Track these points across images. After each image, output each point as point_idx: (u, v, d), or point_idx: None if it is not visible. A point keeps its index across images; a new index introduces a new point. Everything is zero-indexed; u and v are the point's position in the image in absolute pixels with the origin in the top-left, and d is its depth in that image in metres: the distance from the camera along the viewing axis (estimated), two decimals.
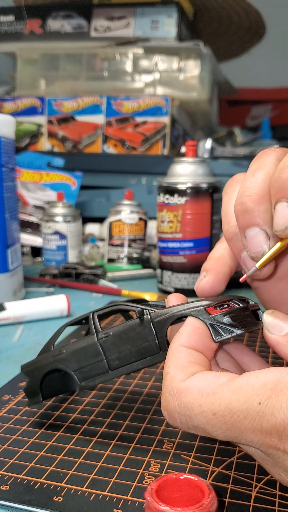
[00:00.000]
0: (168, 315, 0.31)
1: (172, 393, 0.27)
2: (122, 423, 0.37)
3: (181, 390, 0.26)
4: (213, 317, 0.29)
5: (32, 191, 1.02)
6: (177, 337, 0.29)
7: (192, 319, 0.30)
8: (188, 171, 0.68)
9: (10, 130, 0.64)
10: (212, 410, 0.25)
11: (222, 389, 0.25)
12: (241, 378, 0.25)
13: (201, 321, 0.29)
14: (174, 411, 0.27)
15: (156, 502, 0.23)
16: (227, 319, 0.29)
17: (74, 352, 0.35)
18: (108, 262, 0.88)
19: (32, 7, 1.19)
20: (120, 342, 0.33)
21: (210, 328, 0.29)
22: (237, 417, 0.24)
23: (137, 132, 1.07)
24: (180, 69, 1.09)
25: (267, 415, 0.23)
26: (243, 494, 0.29)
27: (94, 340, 0.34)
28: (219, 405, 0.25)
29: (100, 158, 1.12)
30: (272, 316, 0.29)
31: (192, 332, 0.29)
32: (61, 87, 1.14)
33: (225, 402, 0.25)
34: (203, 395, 0.26)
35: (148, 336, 0.32)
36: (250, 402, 0.24)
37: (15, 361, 0.50)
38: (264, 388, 0.24)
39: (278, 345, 0.28)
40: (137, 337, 0.32)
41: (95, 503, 0.29)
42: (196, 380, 0.27)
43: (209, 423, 0.25)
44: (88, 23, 1.15)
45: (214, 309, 0.29)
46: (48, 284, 0.77)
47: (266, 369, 0.25)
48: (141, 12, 1.12)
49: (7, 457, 0.33)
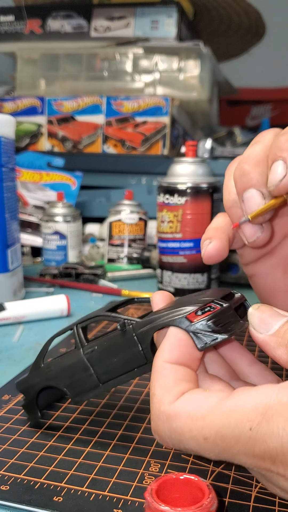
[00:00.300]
0: (148, 327, 0.30)
1: (161, 418, 0.26)
2: (122, 423, 0.37)
3: (170, 415, 0.26)
4: (195, 324, 0.28)
5: (32, 191, 1.02)
6: (159, 352, 0.28)
7: (173, 329, 0.29)
8: (188, 171, 0.68)
9: (10, 130, 0.64)
10: (203, 435, 0.25)
11: (212, 414, 0.25)
12: (230, 401, 0.25)
13: (183, 330, 0.28)
14: (164, 435, 0.26)
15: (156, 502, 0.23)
16: (210, 325, 0.28)
17: (63, 369, 0.34)
18: (108, 262, 0.88)
19: (32, 7, 1.19)
20: (106, 356, 0.32)
21: (193, 337, 0.28)
22: (228, 442, 0.24)
23: (137, 132, 1.07)
24: (180, 69, 1.09)
25: (259, 441, 0.23)
26: (243, 494, 0.29)
27: (81, 356, 0.33)
28: (209, 430, 0.24)
29: (100, 158, 1.12)
30: (258, 312, 0.28)
31: (175, 344, 0.28)
32: (61, 87, 1.14)
33: (216, 427, 0.24)
34: (192, 419, 0.25)
35: (132, 348, 0.31)
36: (241, 427, 0.23)
37: (15, 361, 0.50)
38: (255, 413, 0.23)
39: (266, 345, 0.27)
40: (121, 350, 0.32)
41: (95, 503, 0.29)
42: (185, 403, 0.26)
43: (201, 447, 0.25)
44: (88, 23, 1.15)
45: (196, 315, 0.28)
46: (48, 284, 0.77)
47: (255, 390, 0.24)
48: (141, 12, 1.12)
49: (7, 457, 0.33)
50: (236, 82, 1.43)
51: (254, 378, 0.31)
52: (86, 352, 0.33)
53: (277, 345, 0.26)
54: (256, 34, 1.35)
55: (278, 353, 0.26)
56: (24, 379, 0.37)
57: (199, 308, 0.29)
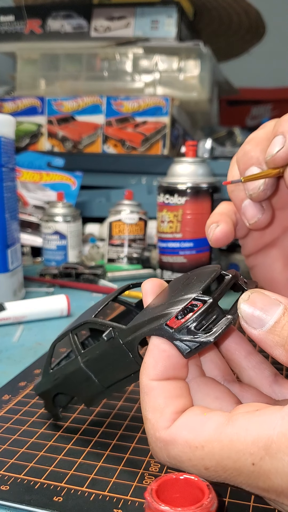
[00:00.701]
0: (131, 337, 0.29)
1: (158, 445, 0.25)
2: (122, 423, 0.37)
3: (167, 442, 0.25)
4: (176, 331, 0.26)
5: (32, 191, 1.02)
6: (144, 370, 0.27)
7: (155, 340, 0.27)
8: (188, 171, 0.68)
9: (10, 130, 0.64)
10: (204, 465, 0.24)
11: (211, 443, 0.23)
12: (230, 429, 0.23)
13: (165, 340, 0.27)
14: (164, 461, 0.25)
15: (156, 502, 0.23)
16: (192, 330, 0.26)
17: (66, 376, 0.34)
18: (108, 262, 0.88)
19: (32, 7, 1.19)
20: (102, 363, 0.32)
21: (176, 345, 0.26)
22: (230, 473, 0.23)
23: (137, 132, 1.07)
24: (180, 69, 1.09)
25: (262, 476, 0.22)
26: (243, 494, 0.29)
27: (80, 365, 0.33)
28: (209, 460, 0.23)
29: (100, 158, 1.12)
30: (248, 304, 0.25)
31: (158, 358, 0.26)
32: (61, 87, 1.14)
33: (216, 458, 0.23)
34: (191, 448, 0.24)
35: (124, 356, 0.31)
36: (243, 461, 0.22)
37: (15, 361, 0.50)
38: (257, 447, 0.22)
39: (262, 343, 0.25)
40: (114, 357, 0.31)
41: (95, 503, 0.29)
42: (181, 429, 0.24)
43: (203, 475, 0.24)
44: (88, 23, 1.15)
45: (176, 320, 0.26)
46: (48, 284, 0.77)
47: (257, 417, 0.23)
48: (141, 12, 1.12)
49: (7, 457, 0.33)
50: (236, 82, 1.43)
51: (251, 372, 0.30)
52: (83, 361, 0.33)
53: (274, 345, 0.24)
54: (256, 34, 1.35)
55: (276, 353, 0.24)
56: (38, 385, 0.37)
57: (181, 310, 0.27)
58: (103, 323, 0.32)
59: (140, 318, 0.29)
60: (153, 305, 0.30)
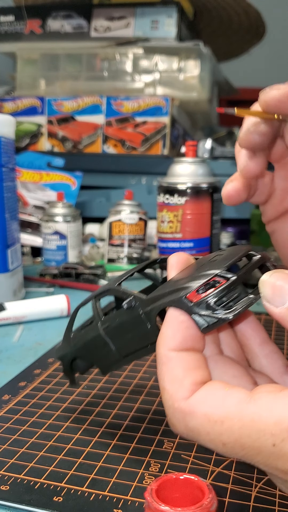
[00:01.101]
0: (150, 308, 0.30)
1: (176, 416, 0.25)
2: (122, 423, 0.37)
3: (185, 413, 0.24)
4: (195, 305, 0.26)
5: (32, 191, 1.02)
6: (162, 340, 0.27)
7: (173, 311, 0.27)
8: (188, 171, 0.68)
9: (10, 130, 0.64)
10: (221, 440, 0.23)
11: (231, 420, 0.23)
12: (252, 407, 0.23)
13: (183, 312, 0.26)
14: (181, 432, 0.25)
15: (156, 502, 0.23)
16: (212, 305, 0.26)
17: (85, 343, 0.35)
18: (108, 262, 0.88)
19: (32, 7, 1.19)
20: (120, 332, 0.32)
21: (194, 319, 0.26)
22: (248, 452, 0.23)
23: (137, 132, 1.07)
24: (180, 69, 1.09)
25: (282, 458, 0.22)
26: (243, 494, 0.29)
27: (99, 331, 0.34)
28: (228, 437, 0.23)
29: (100, 158, 1.12)
30: (271, 280, 0.24)
31: (176, 329, 0.26)
32: (61, 87, 1.14)
33: (235, 435, 0.23)
34: (210, 422, 0.23)
35: (142, 325, 0.31)
36: (263, 441, 0.22)
37: (15, 361, 0.50)
38: (279, 428, 0.22)
39: (283, 321, 0.24)
40: (133, 327, 0.31)
41: (95, 503, 0.29)
42: (201, 401, 0.24)
43: (220, 450, 0.24)
44: (88, 23, 1.15)
45: (197, 294, 0.26)
46: (48, 284, 0.77)
47: (281, 399, 0.22)
48: (141, 12, 1.12)
49: (7, 457, 0.33)
50: (236, 82, 1.43)
51: (263, 360, 0.30)
52: (103, 327, 0.33)
53: None
54: (256, 34, 1.35)
55: None
56: (58, 348, 0.38)
57: (202, 285, 0.26)
58: (124, 291, 0.32)
59: (161, 290, 0.29)
60: (176, 279, 0.30)
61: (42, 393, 0.42)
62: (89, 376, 0.45)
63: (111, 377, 0.45)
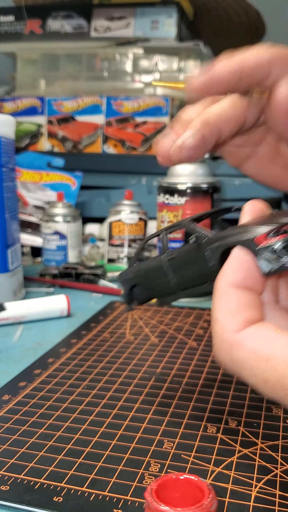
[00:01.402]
0: (216, 245, 0.30)
1: (223, 346, 0.25)
2: (122, 423, 0.37)
3: (233, 344, 0.25)
4: (262, 247, 0.26)
5: (32, 191, 1.03)
6: (222, 274, 0.27)
7: (239, 250, 0.27)
8: (188, 171, 0.68)
9: (10, 130, 0.64)
10: (264, 378, 0.24)
11: (277, 359, 0.23)
12: None
13: (249, 252, 0.26)
14: (225, 363, 0.26)
15: (156, 502, 0.23)
16: (279, 250, 0.25)
17: (147, 271, 0.36)
18: (108, 262, 0.88)
19: (32, 7, 1.19)
20: (183, 266, 0.33)
21: (258, 260, 0.26)
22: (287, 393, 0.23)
23: (137, 132, 1.07)
24: (180, 69, 1.09)
25: None
26: (243, 494, 0.29)
27: (162, 261, 0.35)
28: (270, 375, 0.23)
29: (100, 158, 1.12)
30: None
31: (239, 267, 0.26)
32: (61, 87, 1.14)
33: (278, 374, 0.23)
34: (255, 358, 0.24)
35: (204, 261, 0.31)
36: None
37: (15, 361, 0.50)
38: None
39: None
40: (196, 262, 0.32)
41: (95, 503, 0.29)
42: (250, 337, 0.25)
43: (259, 387, 0.24)
44: (88, 23, 1.15)
45: (266, 238, 0.26)
46: (48, 284, 0.77)
47: None
48: (141, 12, 1.12)
49: (7, 457, 0.33)
50: None
51: None
52: (168, 258, 0.34)
53: None
54: (256, 34, 1.35)
55: None
56: (123, 272, 0.39)
57: (272, 230, 0.26)
58: (193, 228, 0.33)
59: (229, 231, 0.30)
60: (247, 223, 0.29)
61: (42, 393, 0.42)
62: (89, 376, 0.45)
63: (111, 377, 0.45)
